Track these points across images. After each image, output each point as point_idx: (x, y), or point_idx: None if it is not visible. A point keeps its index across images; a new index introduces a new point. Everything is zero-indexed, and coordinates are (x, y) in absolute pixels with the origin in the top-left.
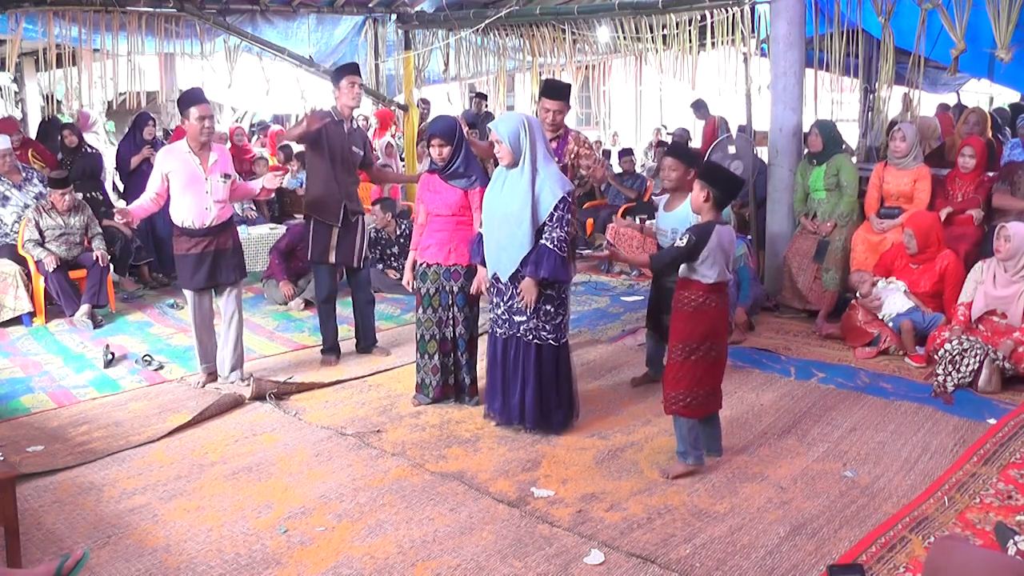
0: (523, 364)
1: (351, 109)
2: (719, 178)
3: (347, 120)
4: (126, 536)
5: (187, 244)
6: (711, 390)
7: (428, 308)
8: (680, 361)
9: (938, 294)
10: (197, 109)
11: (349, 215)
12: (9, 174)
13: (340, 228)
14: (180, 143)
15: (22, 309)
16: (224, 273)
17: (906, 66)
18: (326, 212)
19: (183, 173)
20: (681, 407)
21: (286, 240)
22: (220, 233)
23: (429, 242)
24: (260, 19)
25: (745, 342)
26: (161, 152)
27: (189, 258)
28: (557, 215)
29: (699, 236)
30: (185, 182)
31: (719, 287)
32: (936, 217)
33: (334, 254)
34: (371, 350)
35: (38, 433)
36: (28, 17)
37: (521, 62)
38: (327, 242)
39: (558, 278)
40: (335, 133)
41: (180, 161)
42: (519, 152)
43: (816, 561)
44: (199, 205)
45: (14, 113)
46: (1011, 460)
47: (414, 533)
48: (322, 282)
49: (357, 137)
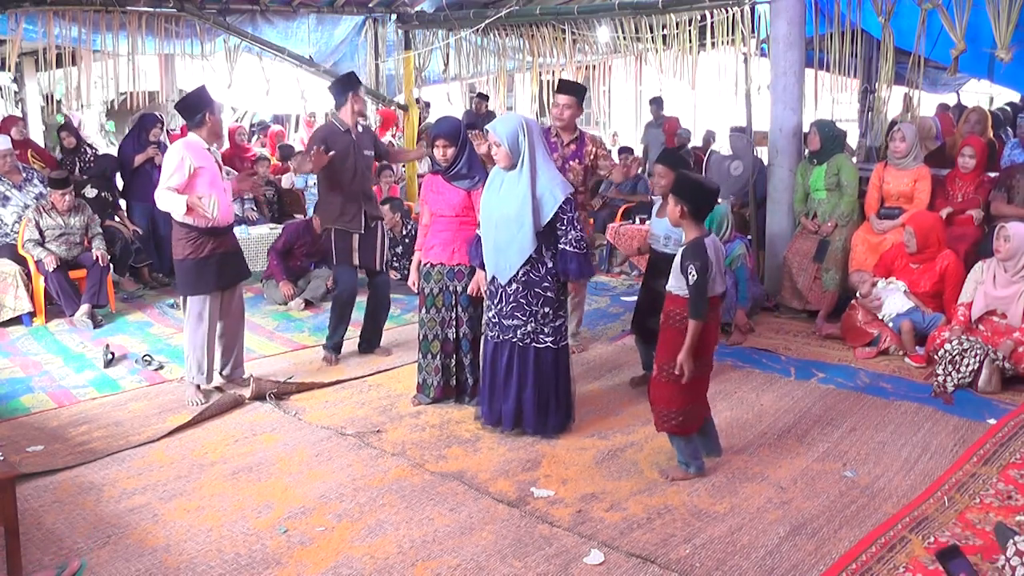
0: (519, 369)
1: (356, 120)
2: (688, 190)
3: (352, 127)
4: (126, 536)
5: (211, 245)
6: (697, 404)
7: (431, 308)
8: (672, 380)
9: (938, 294)
10: (218, 106)
11: (369, 220)
12: (9, 174)
13: (360, 235)
14: (194, 139)
15: (22, 309)
16: (242, 271)
17: (906, 66)
18: (347, 221)
19: (209, 171)
20: (673, 425)
21: (283, 239)
22: (231, 231)
23: (433, 242)
24: (260, 19)
25: (745, 342)
26: (180, 146)
27: (214, 259)
28: (567, 217)
29: (700, 259)
30: (211, 180)
31: (711, 302)
32: (937, 217)
33: (357, 256)
34: (373, 351)
35: (38, 433)
36: (28, 17)
37: (521, 62)
38: (350, 245)
39: (587, 275)
40: (343, 144)
41: (205, 156)
42: (518, 154)
43: (816, 561)
44: (225, 202)
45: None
46: (1011, 460)
47: (414, 533)
48: (346, 281)
49: (366, 139)
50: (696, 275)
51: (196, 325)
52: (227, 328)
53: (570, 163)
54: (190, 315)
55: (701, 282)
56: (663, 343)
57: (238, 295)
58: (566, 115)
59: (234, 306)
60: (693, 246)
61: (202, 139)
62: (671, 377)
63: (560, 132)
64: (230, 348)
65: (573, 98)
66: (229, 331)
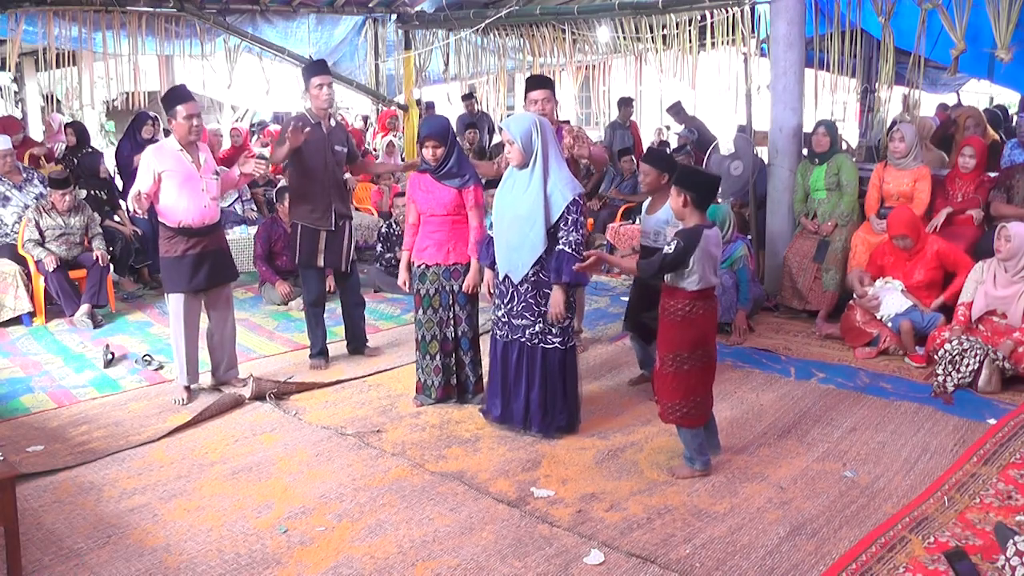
0: (527, 368)
1: (325, 111)
2: (693, 180)
3: (324, 120)
4: (126, 536)
5: (184, 245)
6: (706, 395)
7: (428, 309)
8: (673, 372)
9: (934, 283)
10: (184, 107)
11: (337, 219)
12: (10, 174)
13: (328, 232)
14: (168, 141)
15: (22, 309)
16: (224, 272)
17: (906, 66)
18: (314, 218)
19: (179, 172)
20: (679, 417)
21: (259, 245)
22: (215, 231)
23: (426, 243)
24: (260, 19)
25: (745, 342)
26: (150, 151)
27: (187, 259)
28: (571, 218)
29: (687, 241)
30: (182, 181)
31: (705, 293)
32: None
33: (322, 258)
34: (362, 350)
35: (38, 433)
36: (28, 18)
37: (521, 62)
38: (315, 246)
39: (581, 281)
40: (313, 137)
41: (174, 160)
42: (530, 152)
43: (816, 561)
44: (198, 204)
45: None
46: (1011, 460)
47: (414, 533)
48: (311, 285)
49: (338, 135)
50: (673, 251)
51: (174, 324)
52: (213, 329)
53: None
54: (170, 313)
55: (670, 259)
56: (663, 336)
57: (224, 296)
58: (546, 109)
59: (220, 307)
60: (690, 230)
61: (176, 140)
62: (672, 368)
63: None
64: (217, 350)
65: (547, 91)
66: (216, 332)
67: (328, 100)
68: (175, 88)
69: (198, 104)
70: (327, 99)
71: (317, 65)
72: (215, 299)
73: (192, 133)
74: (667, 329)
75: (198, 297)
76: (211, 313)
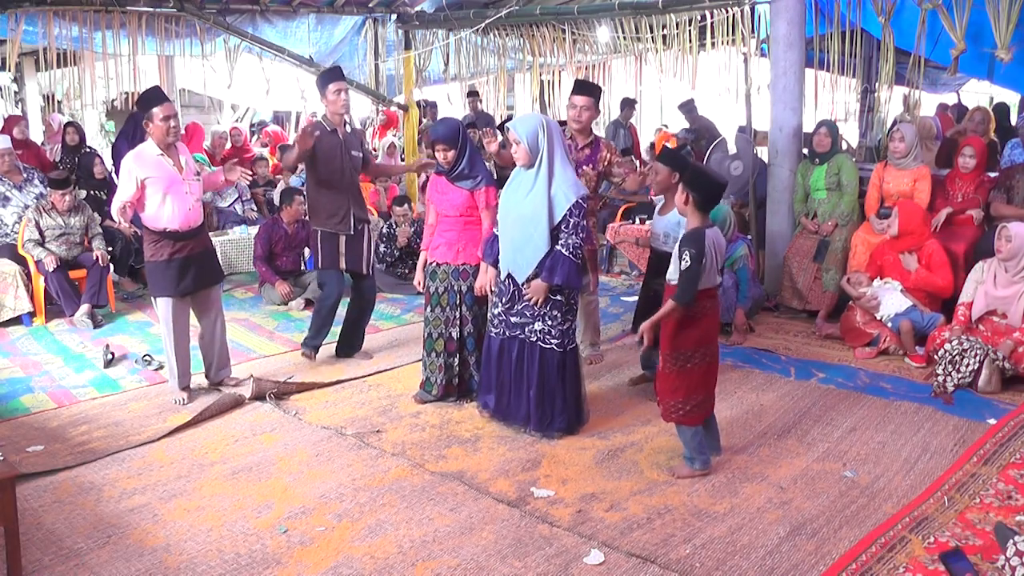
0: (527, 366)
1: (341, 117)
2: (700, 182)
3: (340, 127)
4: (126, 536)
5: (170, 249)
6: (707, 395)
7: (436, 307)
8: (676, 371)
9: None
10: (160, 109)
11: (356, 223)
12: (10, 174)
13: (348, 236)
14: (147, 146)
15: (22, 309)
16: (211, 275)
17: (906, 66)
18: (334, 223)
19: (162, 178)
20: (680, 415)
21: (259, 246)
22: (200, 234)
23: (439, 242)
24: (260, 19)
25: (745, 342)
26: (130, 158)
27: (174, 263)
28: (573, 221)
29: (697, 247)
30: (166, 186)
31: (708, 292)
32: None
33: (344, 260)
34: (352, 355)
35: (38, 433)
36: (28, 18)
37: (521, 62)
38: (336, 248)
39: (571, 285)
40: (329, 144)
41: (154, 165)
42: (536, 152)
43: (816, 561)
44: (183, 207)
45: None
46: (1011, 460)
47: (414, 533)
48: (331, 287)
49: (354, 140)
50: (690, 262)
51: (164, 327)
52: (204, 331)
53: (583, 168)
54: (159, 317)
55: (694, 269)
56: (666, 335)
57: (213, 298)
58: (584, 117)
59: (208, 309)
60: (694, 234)
61: (155, 144)
62: (674, 367)
63: (575, 135)
64: (209, 351)
65: (590, 99)
66: (206, 333)
67: (345, 106)
68: (150, 91)
69: (173, 105)
70: (344, 105)
71: (333, 71)
72: (203, 301)
73: (170, 135)
74: (670, 328)
75: (186, 300)
76: (200, 315)
